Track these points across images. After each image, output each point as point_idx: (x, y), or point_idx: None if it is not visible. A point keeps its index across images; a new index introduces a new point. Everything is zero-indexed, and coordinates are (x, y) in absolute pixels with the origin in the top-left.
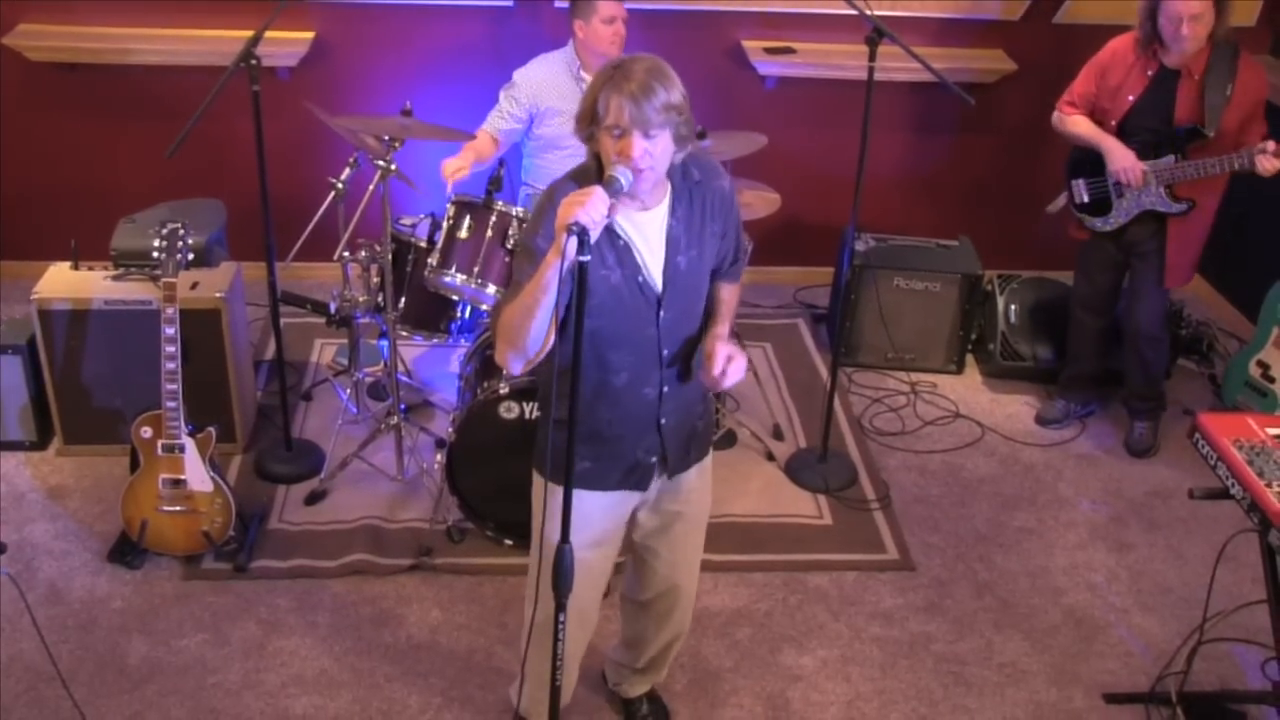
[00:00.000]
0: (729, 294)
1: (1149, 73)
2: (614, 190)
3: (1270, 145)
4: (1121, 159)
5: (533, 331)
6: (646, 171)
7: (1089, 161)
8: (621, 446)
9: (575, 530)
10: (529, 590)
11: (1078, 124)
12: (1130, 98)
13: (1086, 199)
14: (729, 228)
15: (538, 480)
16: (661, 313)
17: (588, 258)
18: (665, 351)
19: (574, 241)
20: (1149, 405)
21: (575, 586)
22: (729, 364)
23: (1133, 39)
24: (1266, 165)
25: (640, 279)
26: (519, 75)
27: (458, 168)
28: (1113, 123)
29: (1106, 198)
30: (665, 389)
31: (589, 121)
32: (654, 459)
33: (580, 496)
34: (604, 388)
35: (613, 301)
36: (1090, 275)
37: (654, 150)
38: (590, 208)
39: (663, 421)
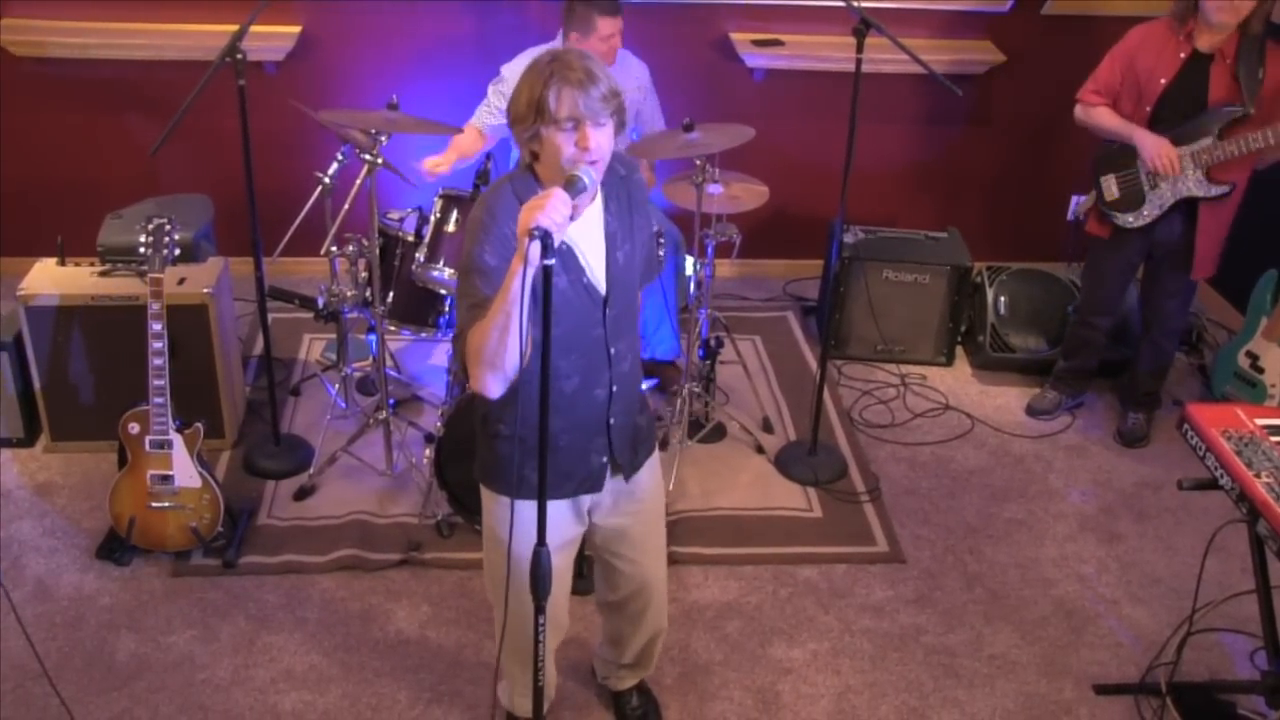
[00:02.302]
0: None
1: (1181, 55)
2: (576, 190)
3: None
4: (1154, 146)
5: (510, 348)
6: (599, 163)
7: (1118, 156)
8: (574, 454)
9: (533, 540)
10: (490, 597)
11: (1102, 116)
12: (1163, 81)
13: (1117, 194)
14: (649, 218)
15: (486, 493)
16: (607, 311)
17: (553, 261)
18: (613, 350)
19: (537, 246)
20: (1151, 397)
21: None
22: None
23: (1160, 25)
24: None
25: (585, 281)
26: (507, 71)
27: (437, 163)
28: (1146, 109)
29: (1138, 191)
30: (615, 388)
31: (533, 118)
32: (604, 459)
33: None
34: (553, 395)
35: (561, 307)
36: (1104, 278)
37: (604, 141)
38: (552, 209)
39: (611, 421)
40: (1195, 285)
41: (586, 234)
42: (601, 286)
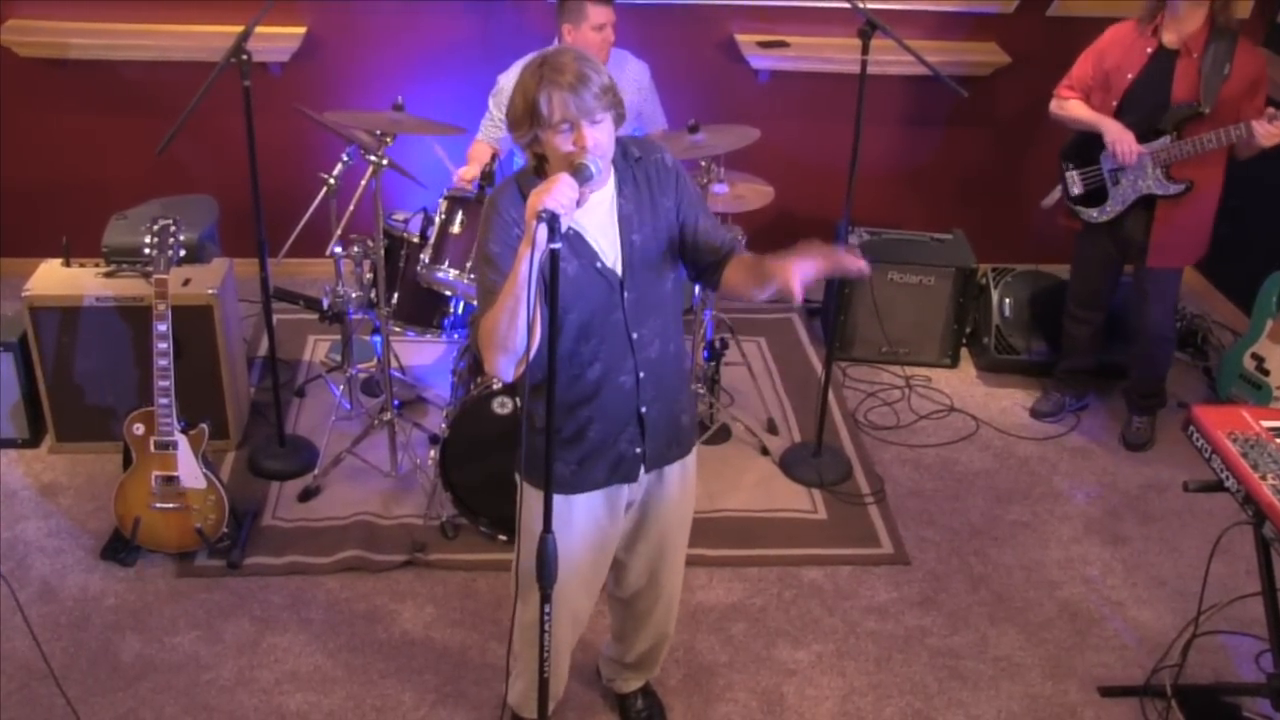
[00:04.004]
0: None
1: (1148, 51)
2: (584, 178)
3: (1271, 110)
4: (1118, 134)
5: (519, 329)
6: (604, 158)
7: (1082, 152)
8: (605, 444)
9: (567, 534)
10: (515, 588)
11: (1074, 108)
12: (1129, 76)
13: (1080, 190)
14: (683, 195)
15: (525, 487)
16: (625, 294)
17: (559, 244)
18: (634, 335)
19: (544, 229)
20: (1151, 401)
21: (568, 587)
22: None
23: (1130, 23)
24: (1265, 130)
25: (598, 265)
26: (504, 80)
27: (466, 173)
28: (1113, 102)
29: (1101, 187)
30: (641, 374)
31: (530, 123)
32: (638, 449)
33: (570, 502)
34: (579, 384)
35: (573, 293)
36: (1086, 272)
37: (602, 137)
38: (558, 193)
39: (643, 410)
40: (1174, 283)
41: (596, 219)
42: (617, 269)
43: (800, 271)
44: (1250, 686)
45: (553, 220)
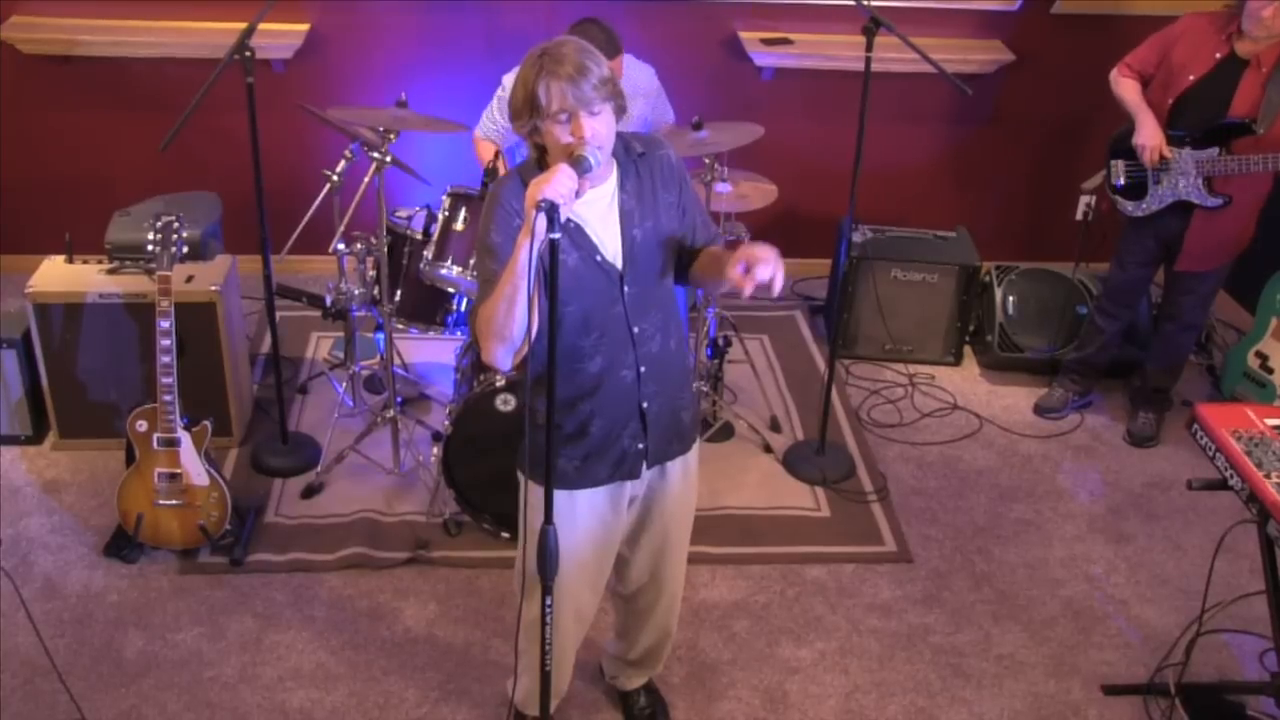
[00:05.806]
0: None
1: (1217, 55)
2: (583, 169)
3: None
4: (1150, 135)
5: (517, 318)
6: (603, 148)
7: (1130, 143)
8: (607, 439)
9: (571, 530)
10: (518, 585)
11: (1126, 88)
12: (1191, 77)
13: (1123, 181)
14: (684, 196)
15: (527, 484)
16: (626, 288)
17: (558, 234)
18: (635, 329)
19: (543, 218)
20: (1161, 396)
21: (573, 585)
22: (753, 259)
23: (1209, 18)
24: None
25: (599, 258)
26: (509, 79)
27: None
28: (1169, 100)
29: (1144, 182)
30: (642, 369)
31: (529, 114)
32: (640, 445)
33: (573, 498)
34: (579, 377)
35: (573, 285)
36: (1124, 263)
37: (600, 128)
38: (557, 183)
39: (644, 405)
40: (1213, 284)
41: (598, 212)
42: (617, 263)
43: (750, 279)
44: (1254, 685)
45: (551, 210)
